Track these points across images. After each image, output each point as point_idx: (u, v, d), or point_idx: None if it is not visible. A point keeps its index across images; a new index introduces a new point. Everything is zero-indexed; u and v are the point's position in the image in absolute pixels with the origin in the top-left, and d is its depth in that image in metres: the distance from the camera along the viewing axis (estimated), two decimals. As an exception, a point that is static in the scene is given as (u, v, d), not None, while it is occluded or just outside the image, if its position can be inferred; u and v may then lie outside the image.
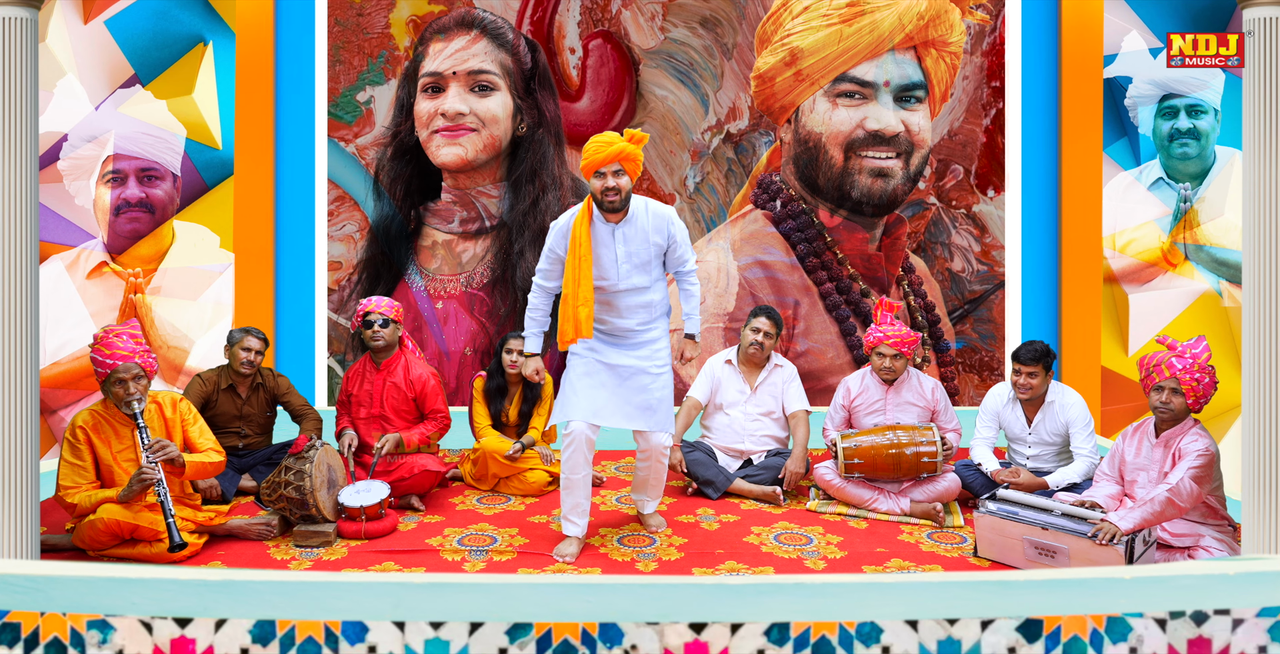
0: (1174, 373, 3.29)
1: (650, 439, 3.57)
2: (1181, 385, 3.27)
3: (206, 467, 3.52)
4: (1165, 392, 3.31)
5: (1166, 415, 3.34)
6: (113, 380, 3.40)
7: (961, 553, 3.53)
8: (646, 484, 3.71)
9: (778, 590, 2.29)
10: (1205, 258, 5.36)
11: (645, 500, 3.76)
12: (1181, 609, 2.30)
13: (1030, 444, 3.99)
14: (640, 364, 3.49)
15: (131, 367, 3.40)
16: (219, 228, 5.42)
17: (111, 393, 3.43)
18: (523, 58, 5.42)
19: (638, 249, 3.42)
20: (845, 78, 5.35)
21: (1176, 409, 3.31)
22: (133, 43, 5.35)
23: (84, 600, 2.30)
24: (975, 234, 5.49)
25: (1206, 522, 3.34)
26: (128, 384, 3.39)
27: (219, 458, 3.58)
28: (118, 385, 3.40)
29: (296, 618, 2.28)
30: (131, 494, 3.31)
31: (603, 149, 3.28)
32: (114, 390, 3.41)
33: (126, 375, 3.39)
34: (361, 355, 4.38)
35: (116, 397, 3.41)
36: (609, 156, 3.27)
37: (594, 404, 3.42)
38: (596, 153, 3.29)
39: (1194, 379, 3.26)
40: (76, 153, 5.33)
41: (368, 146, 5.49)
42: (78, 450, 3.41)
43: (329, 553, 3.49)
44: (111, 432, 3.49)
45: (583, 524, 3.48)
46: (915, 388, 4.17)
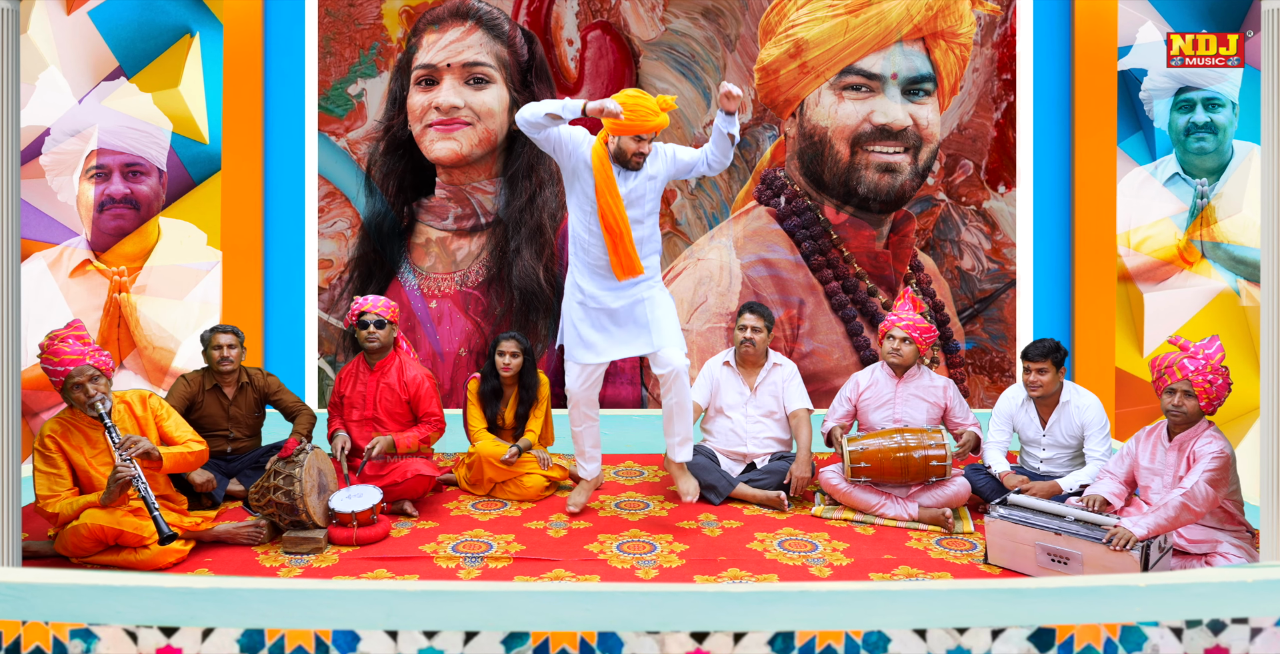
0: (1186, 374, 3.29)
1: (661, 357, 3.66)
2: (1194, 387, 3.27)
3: (187, 457, 3.51)
4: (1177, 394, 3.31)
5: (1179, 418, 3.34)
6: (70, 386, 3.40)
7: (971, 560, 3.53)
8: (672, 419, 3.76)
9: (782, 599, 2.29)
10: (1222, 255, 5.36)
11: (674, 445, 3.80)
12: (1198, 618, 2.30)
13: (1044, 446, 3.99)
14: (635, 296, 3.70)
15: (85, 369, 3.40)
16: (206, 225, 5.42)
17: (73, 399, 3.42)
18: (519, 50, 5.43)
19: (637, 185, 3.63)
20: (851, 70, 5.35)
21: (1189, 412, 3.31)
22: (117, 34, 5.35)
23: (67, 609, 2.30)
24: (985, 231, 5.49)
25: (1224, 527, 3.34)
26: (85, 387, 3.39)
27: (199, 447, 3.58)
28: (76, 390, 3.40)
29: (286, 627, 2.28)
30: (113, 496, 3.30)
31: (649, 119, 3.45)
32: (74, 396, 3.41)
33: (82, 378, 3.39)
34: (354, 356, 4.38)
35: (79, 402, 3.41)
36: (653, 127, 3.47)
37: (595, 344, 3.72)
38: (643, 121, 3.45)
39: (1206, 381, 3.26)
40: (59, 147, 5.33)
41: (359, 141, 5.49)
42: (50, 459, 3.41)
43: (319, 560, 3.49)
44: (82, 437, 3.49)
45: (591, 469, 3.95)
46: (926, 384, 4.18)
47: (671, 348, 3.67)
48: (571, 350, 3.78)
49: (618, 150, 3.55)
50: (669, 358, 3.66)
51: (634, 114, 3.42)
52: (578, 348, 3.75)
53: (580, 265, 3.73)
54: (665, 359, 3.67)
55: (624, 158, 3.55)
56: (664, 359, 3.67)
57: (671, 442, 3.82)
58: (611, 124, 3.47)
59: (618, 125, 3.46)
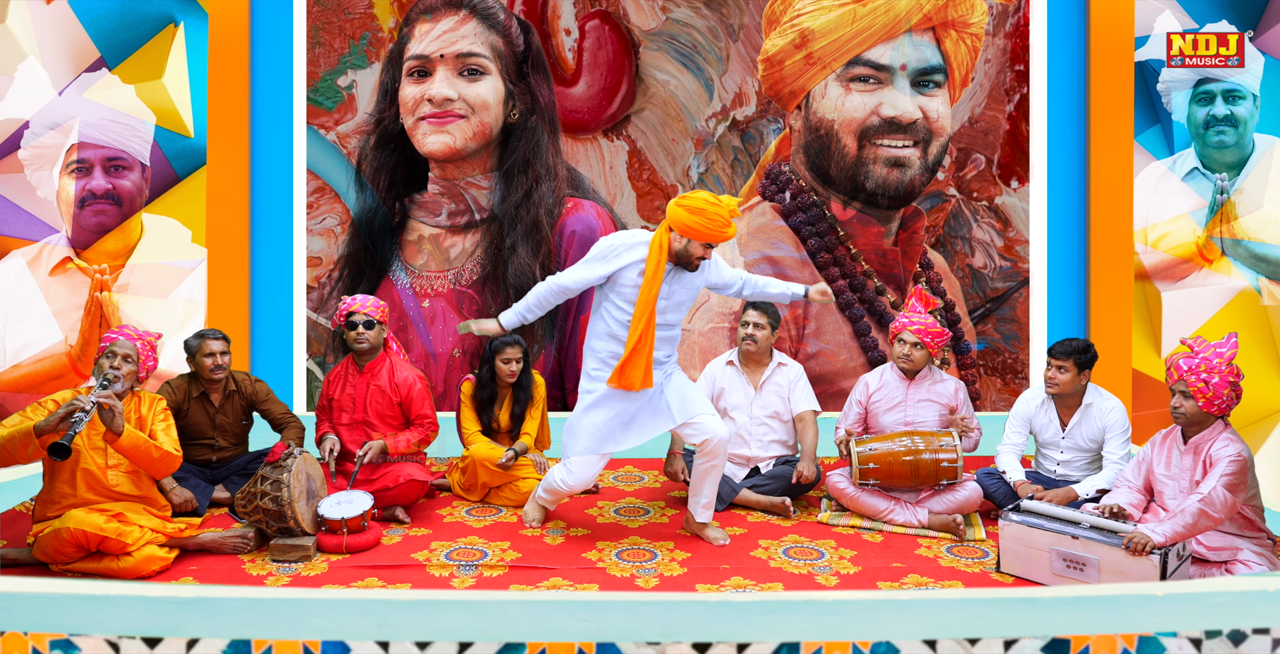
0: (1181, 375, 3.31)
1: (698, 425, 3.66)
2: (1189, 387, 3.28)
3: (150, 449, 3.47)
4: (1176, 395, 3.35)
5: (1181, 421, 3.37)
6: (105, 353, 3.61)
7: (983, 568, 3.53)
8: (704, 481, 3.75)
9: (787, 608, 2.29)
10: (1243, 253, 5.36)
11: (698, 505, 3.80)
12: (1218, 628, 2.31)
13: (1063, 449, 3.99)
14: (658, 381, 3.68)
15: (127, 344, 3.64)
16: (190, 221, 5.42)
17: (97, 365, 3.60)
18: (515, 40, 5.43)
19: (680, 289, 3.65)
20: (859, 61, 5.35)
21: (1188, 413, 3.32)
22: (98, 24, 5.35)
23: (47, 619, 2.30)
24: (998, 228, 5.49)
25: (1244, 534, 3.34)
26: (115, 357, 3.59)
27: (174, 452, 3.56)
28: (106, 357, 3.60)
29: (273, 637, 2.28)
30: (50, 423, 3.24)
31: (724, 231, 3.48)
32: (100, 363, 3.59)
33: (120, 350, 3.61)
34: (343, 357, 4.38)
35: (99, 368, 3.57)
36: (726, 238, 3.52)
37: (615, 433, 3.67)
38: (717, 232, 3.48)
39: (1201, 380, 3.26)
40: (38, 141, 5.34)
41: (349, 134, 5.49)
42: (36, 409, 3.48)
43: (308, 568, 3.49)
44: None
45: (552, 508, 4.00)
46: (936, 386, 4.18)
47: (705, 416, 3.67)
48: (588, 443, 3.67)
49: (683, 251, 3.54)
50: (707, 426, 3.66)
51: (711, 223, 3.45)
52: (597, 439, 3.66)
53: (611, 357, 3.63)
54: (703, 427, 3.66)
55: (687, 259, 3.56)
56: (701, 427, 3.66)
57: (697, 502, 3.80)
58: (681, 228, 3.49)
59: (686, 229, 3.47)
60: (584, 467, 3.70)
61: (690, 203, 3.48)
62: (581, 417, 3.69)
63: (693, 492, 3.81)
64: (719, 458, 3.70)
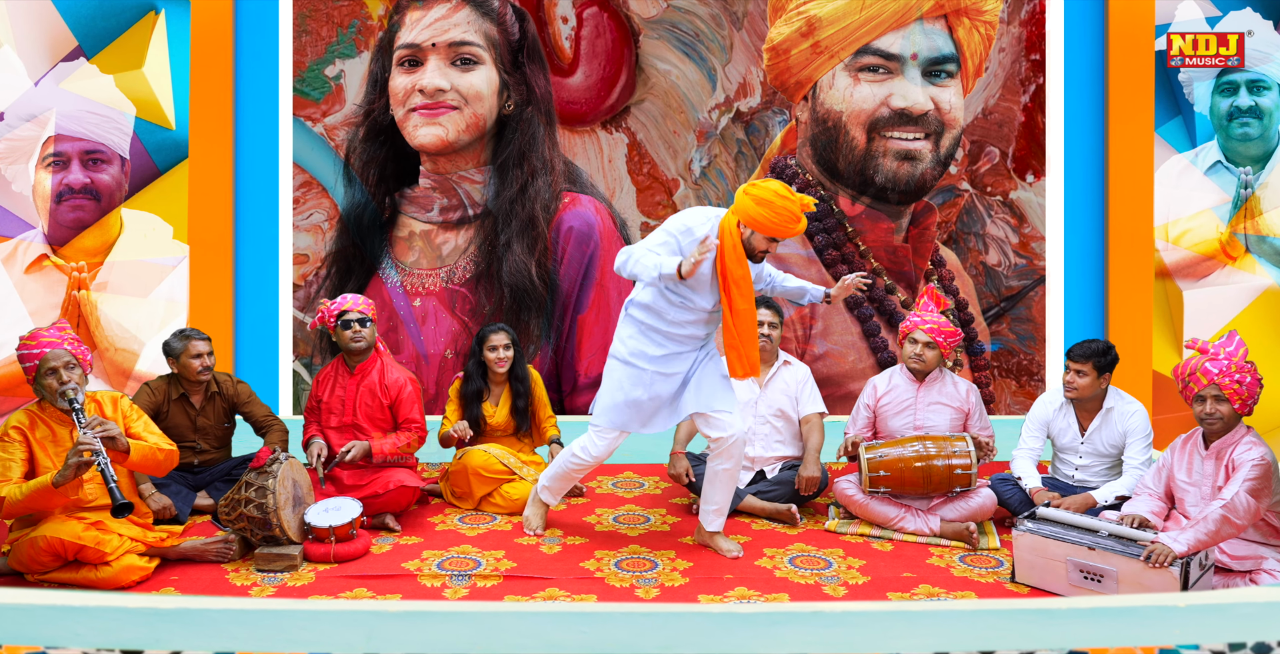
0: (1212, 379, 3.29)
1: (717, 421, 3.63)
2: (1224, 390, 3.28)
3: (155, 454, 3.50)
4: (1208, 401, 3.32)
5: (1216, 426, 3.35)
6: (43, 372, 3.45)
7: (997, 578, 3.53)
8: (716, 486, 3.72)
9: (793, 620, 2.29)
10: (1268, 250, 5.36)
11: (709, 513, 3.76)
12: (1242, 641, 2.31)
13: (1081, 453, 3.99)
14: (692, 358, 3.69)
15: (60, 353, 3.45)
16: (172, 217, 5.42)
17: (44, 386, 3.46)
18: (509, 28, 5.43)
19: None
20: (868, 50, 5.36)
21: (1225, 417, 3.31)
22: (76, 11, 5.35)
23: (22, 631, 2.31)
24: (1013, 224, 5.49)
25: (1268, 542, 3.34)
26: (59, 372, 3.43)
27: (170, 447, 3.58)
28: (48, 376, 3.44)
29: (258, 650, 2.28)
30: (68, 474, 3.24)
31: (791, 226, 3.37)
32: (46, 383, 3.45)
33: (57, 363, 3.44)
34: (332, 358, 4.38)
35: (50, 390, 3.44)
36: (794, 234, 3.43)
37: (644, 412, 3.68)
38: (783, 227, 3.37)
39: (1235, 381, 3.27)
40: (14, 133, 5.34)
41: (337, 126, 5.49)
42: (8, 445, 3.42)
43: (294, 578, 3.49)
44: (49, 432, 3.49)
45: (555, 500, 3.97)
46: (948, 388, 4.18)
47: (728, 412, 3.64)
48: (614, 418, 3.69)
49: (748, 242, 3.48)
50: (727, 422, 3.62)
51: (777, 218, 3.35)
52: (622, 415, 3.68)
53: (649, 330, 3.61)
54: (722, 423, 3.62)
55: (751, 251, 3.49)
56: (720, 422, 3.62)
57: (707, 509, 3.77)
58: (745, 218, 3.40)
59: (751, 220, 3.38)
60: (611, 441, 3.75)
61: (758, 192, 3.36)
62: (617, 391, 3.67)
63: (704, 498, 3.79)
64: (733, 460, 3.66)
